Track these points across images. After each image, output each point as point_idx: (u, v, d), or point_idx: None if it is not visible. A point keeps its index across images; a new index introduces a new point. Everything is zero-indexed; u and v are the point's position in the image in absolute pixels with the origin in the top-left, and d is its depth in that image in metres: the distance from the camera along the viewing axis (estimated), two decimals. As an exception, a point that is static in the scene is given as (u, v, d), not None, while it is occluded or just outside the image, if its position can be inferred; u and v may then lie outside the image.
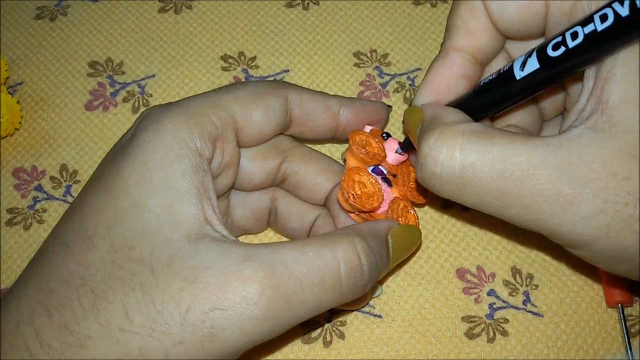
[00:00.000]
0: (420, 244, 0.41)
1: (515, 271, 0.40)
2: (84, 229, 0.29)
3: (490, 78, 0.32)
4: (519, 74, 0.30)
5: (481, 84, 0.33)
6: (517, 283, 0.40)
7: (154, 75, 0.47)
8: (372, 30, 0.48)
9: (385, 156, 0.38)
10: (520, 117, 0.36)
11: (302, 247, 0.29)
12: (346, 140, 0.38)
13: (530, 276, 0.40)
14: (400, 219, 0.36)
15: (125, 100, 0.46)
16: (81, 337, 0.27)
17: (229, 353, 0.28)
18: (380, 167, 0.38)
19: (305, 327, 0.39)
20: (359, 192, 0.35)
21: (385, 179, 0.37)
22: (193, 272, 0.28)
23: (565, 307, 0.39)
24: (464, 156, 0.28)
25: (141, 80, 0.47)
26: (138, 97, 0.46)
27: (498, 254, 0.41)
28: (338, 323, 0.39)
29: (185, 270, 0.28)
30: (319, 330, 0.39)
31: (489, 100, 0.32)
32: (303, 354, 0.38)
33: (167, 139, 0.30)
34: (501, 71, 0.31)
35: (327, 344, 0.38)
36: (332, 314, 0.39)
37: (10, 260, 0.41)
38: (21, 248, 0.42)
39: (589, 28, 0.26)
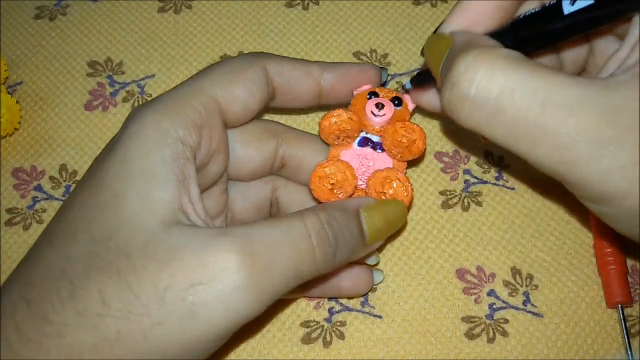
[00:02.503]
0: (406, 222, 0.41)
1: (515, 271, 0.40)
2: (67, 225, 0.30)
3: (533, 11, 0.29)
4: (567, 9, 0.27)
5: (521, 16, 0.30)
6: (517, 283, 0.40)
7: (153, 75, 0.47)
8: (372, 30, 0.48)
9: (360, 124, 0.36)
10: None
11: (275, 221, 0.29)
12: (333, 106, 0.37)
13: (530, 276, 0.40)
14: (380, 195, 0.35)
15: (124, 100, 0.46)
16: (60, 326, 0.27)
17: (212, 334, 0.27)
18: (367, 135, 0.36)
19: (305, 327, 0.39)
20: (326, 186, 0.35)
21: (377, 145, 0.36)
22: (169, 253, 0.27)
23: (565, 307, 0.39)
24: (504, 80, 0.26)
25: (141, 80, 0.47)
26: (138, 97, 0.46)
27: (498, 254, 0.41)
28: (338, 323, 0.39)
29: (160, 252, 0.27)
30: (318, 331, 0.39)
31: (527, 35, 0.30)
32: (303, 354, 0.38)
33: (148, 131, 0.30)
34: (547, 4, 0.28)
35: (326, 344, 0.38)
36: (332, 314, 0.39)
37: (9, 260, 0.41)
38: (21, 248, 0.42)
39: None
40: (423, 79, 0.35)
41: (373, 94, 0.37)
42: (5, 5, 0.50)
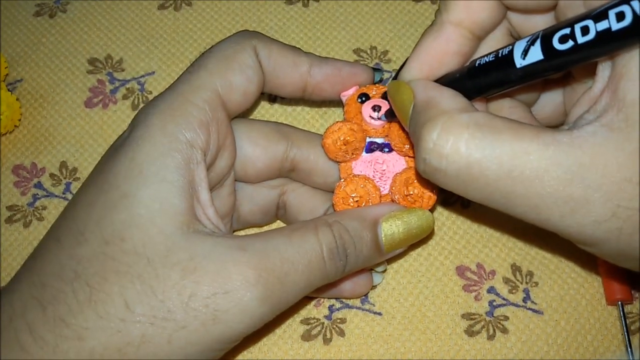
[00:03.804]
0: (434, 231, 0.41)
1: (515, 268, 0.40)
2: (75, 224, 0.30)
3: (487, 60, 0.30)
4: (519, 62, 0.28)
5: (476, 65, 0.30)
6: (517, 280, 0.40)
7: (153, 73, 0.47)
8: (372, 27, 0.48)
9: (362, 132, 0.36)
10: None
11: (290, 234, 0.31)
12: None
13: (530, 273, 0.40)
14: (407, 198, 0.34)
15: (125, 97, 0.46)
16: (78, 329, 0.27)
17: (229, 337, 0.29)
18: (371, 139, 0.36)
19: (305, 325, 0.39)
20: (352, 204, 0.35)
21: (384, 147, 0.36)
22: (192, 262, 0.28)
23: (565, 304, 0.39)
24: (469, 153, 0.27)
25: (141, 77, 0.47)
26: (138, 94, 0.46)
27: (498, 252, 0.41)
28: (338, 320, 0.39)
29: (184, 260, 0.28)
30: (318, 328, 0.39)
31: (484, 84, 0.30)
32: (303, 351, 0.38)
33: (156, 135, 0.30)
34: (499, 55, 0.29)
35: (327, 341, 0.38)
36: (332, 311, 0.39)
37: (10, 257, 0.41)
38: (21, 245, 0.42)
39: (602, 25, 0.24)
40: (395, 116, 0.34)
41: (363, 95, 0.36)
42: (6, 2, 0.50)
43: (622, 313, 0.38)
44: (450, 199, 0.42)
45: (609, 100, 0.26)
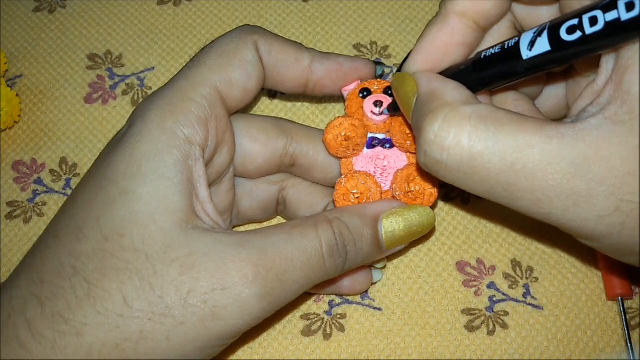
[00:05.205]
0: (434, 228, 0.40)
1: (516, 264, 0.40)
2: (74, 220, 0.30)
3: (493, 52, 0.30)
4: (526, 54, 0.27)
5: (482, 57, 0.30)
6: (517, 276, 0.40)
7: (153, 68, 0.47)
8: (372, 22, 0.48)
9: (363, 127, 0.36)
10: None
11: (290, 230, 0.31)
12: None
13: (531, 269, 0.40)
14: (408, 195, 0.34)
15: (124, 93, 0.46)
16: (77, 325, 0.27)
17: (228, 333, 0.29)
18: (373, 135, 0.36)
19: (305, 320, 0.39)
20: (352, 201, 0.35)
21: (385, 142, 0.36)
22: (190, 258, 0.28)
23: (566, 299, 0.39)
24: (472, 145, 0.26)
25: (140, 72, 0.47)
26: (137, 90, 0.46)
27: (498, 247, 0.41)
28: (338, 316, 0.39)
29: (182, 257, 0.28)
30: (318, 323, 0.39)
31: (489, 76, 0.30)
32: (303, 347, 0.38)
33: (154, 131, 0.30)
34: (506, 46, 0.29)
35: (327, 336, 0.38)
36: (332, 306, 0.39)
37: (10, 253, 0.41)
38: (21, 241, 0.42)
39: (611, 15, 0.24)
40: (399, 109, 0.34)
41: (365, 90, 0.36)
42: (5, -2, 0.50)
43: (622, 308, 0.38)
44: (451, 194, 0.42)
45: (612, 92, 0.26)
